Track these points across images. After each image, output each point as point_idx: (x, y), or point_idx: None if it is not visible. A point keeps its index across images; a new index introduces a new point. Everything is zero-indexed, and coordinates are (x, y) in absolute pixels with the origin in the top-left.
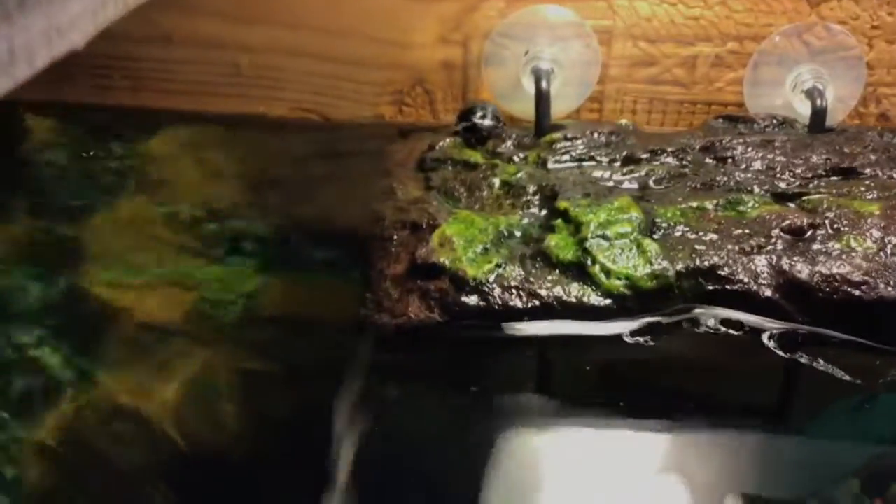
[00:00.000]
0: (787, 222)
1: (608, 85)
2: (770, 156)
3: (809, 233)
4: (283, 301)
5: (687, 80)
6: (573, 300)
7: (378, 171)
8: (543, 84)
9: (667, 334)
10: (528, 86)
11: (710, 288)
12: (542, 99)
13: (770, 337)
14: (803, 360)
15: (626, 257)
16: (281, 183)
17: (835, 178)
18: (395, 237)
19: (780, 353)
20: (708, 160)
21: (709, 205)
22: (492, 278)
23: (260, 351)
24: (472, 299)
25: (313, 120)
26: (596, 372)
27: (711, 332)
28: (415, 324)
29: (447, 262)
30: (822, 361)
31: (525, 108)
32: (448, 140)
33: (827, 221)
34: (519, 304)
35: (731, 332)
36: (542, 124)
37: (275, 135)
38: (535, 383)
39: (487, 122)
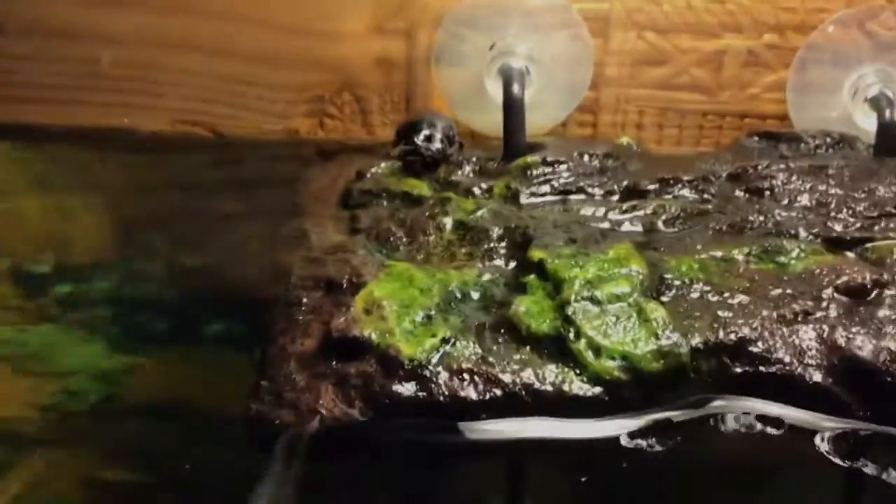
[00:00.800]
0: (844, 279)
1: (604, 90)
2: (822, 187)
3: (874, 293)
4: (154, 387)
5: (711, 83)
6: (549, 389)
7: (287, 208)
8: (515, 89)
9: (680, 436)
10: (495, 91)
11: (739, 371)
12: (512, 109)
13: (822, 439)
14: (868, 469)
15: (622, 328)
16: (156, 224)
17: None
18: (305, 300)
19: (836, 460)
20: (738, 193)
21: (738, 255)
22: (436, 359)
23: (120, 455)
24: (409, 388)
25: (201, 136)
26: (582, 491)
27: (741, 432)
28: (328, 423)
29: (374, 337)
30: (893, 473)
31: (490, 122)
32: (383, 166)
33: None
34: (474, 396)
35: (769, 431)
36: (514, 143)
37: (148, 157)
38: None
39: (436, 143)
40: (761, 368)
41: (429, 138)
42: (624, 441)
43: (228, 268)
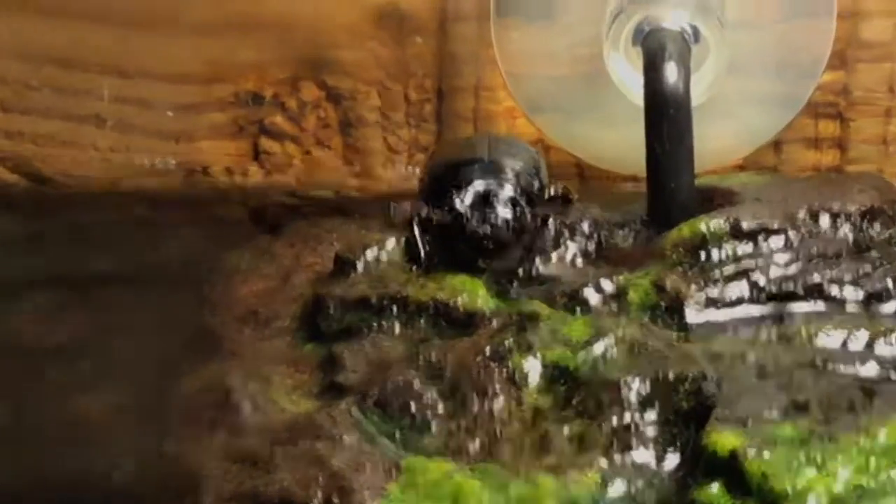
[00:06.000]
0: None
1: (862, 72)
2: None
3: None
4: None
5: None
6: None
7: (184, 338)
8: (670, 74)
9: None
10: (626, 78)
11: None
12: (664, 116)
13: None
14: None
15: None
16: None
17: None
18: None
19: None
20: None
21: None
22: None
23: None
24: None
25: (3, 184)
26: None
27: None
28: None
29: None
30: None
31: (616, 143)
32: (392, 244)
33: None
34: None
35: None
36: (669, 190)
37: None
38: None
39: (501, 208)
40: None
41: (484, 199)
42: None
43: (57, 473)
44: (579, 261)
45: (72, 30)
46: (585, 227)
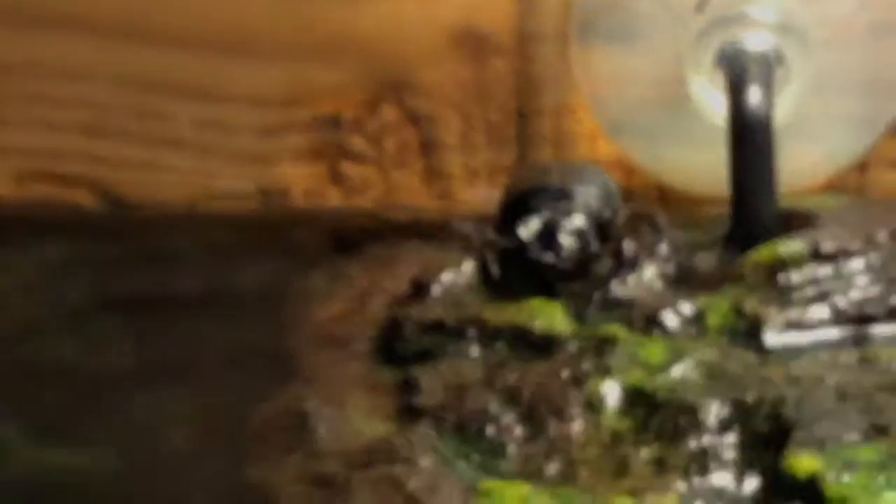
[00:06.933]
0: None
1: None
2: None
3: None
4: None
5: None
6: None
7: (259, 361)
8: (754, 96)
9: None
10: (709, 99)
11: None
12: (749, 137)
13: None
14: None
15: None
16: None
17: None
18: None
19: None
20: None
21: None
22: None
23: None
24: None
25: (73, 205)
26: None
27: None
28: None
29: None
30: None
31: (698, 167)
32: (468, 268)
33: None
34: None
35: None
36: (751, 213)
37: None
38: None
39: (565, 237)
40: None
41: (549, 228)
42: None
43: (146, 486)
44: (658, 283)
45: (154, 53)
46: (664, 249)
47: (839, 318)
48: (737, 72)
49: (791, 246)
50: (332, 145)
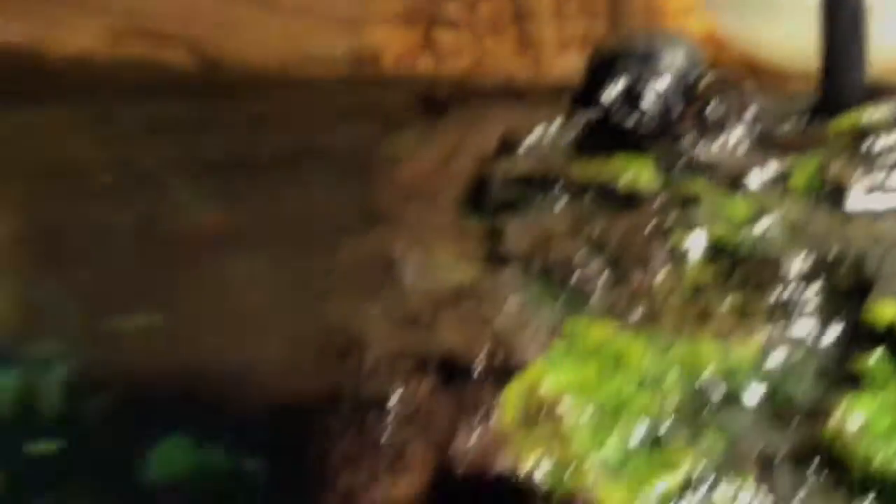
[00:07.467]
0: None
1: None
2: None
3: None
4: None
5: None
6: None
7: (351, 211)
8: None
9: None
10: None
11: None
12: (840, 11)
13: None
14: None
15: None
16: (100, 239)
17: None
18: (395, 399)
19: None
20: None
21: None
22: None
23: None
24: None
25: (169, 64)
26: None
27: None
28: None
29: (543, 476)
30: None
31: (789, 40)
32: (556, 129)
33: None
34: None
35: None
36: (840, 84)
37: (74, 104)
38: None
39: (648, 101)
40: None
41: (632, 92)
42: None
43: (233, 340)
44: (743, 146)
45: None
46: (750, 113)
47: None
48: None
49: (875, 114)
50: (426, 11)
